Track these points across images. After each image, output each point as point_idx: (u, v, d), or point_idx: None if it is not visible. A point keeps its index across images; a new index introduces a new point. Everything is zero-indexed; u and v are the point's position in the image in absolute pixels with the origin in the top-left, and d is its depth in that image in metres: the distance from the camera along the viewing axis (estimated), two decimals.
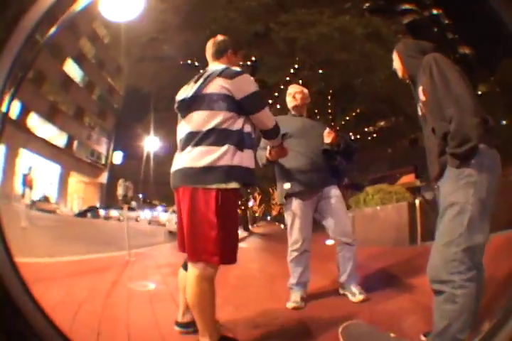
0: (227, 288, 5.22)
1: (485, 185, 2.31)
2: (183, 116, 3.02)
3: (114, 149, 53.27)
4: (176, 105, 3.16)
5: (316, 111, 16.93)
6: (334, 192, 4.45)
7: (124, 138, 50.90)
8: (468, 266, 2.26)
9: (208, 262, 2.70)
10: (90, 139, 49.82)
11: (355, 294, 4.18)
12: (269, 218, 64.27)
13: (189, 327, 3.12)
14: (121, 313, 3.80)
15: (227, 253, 2.74)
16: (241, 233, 23.17)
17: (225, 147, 2.73)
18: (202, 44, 3.30)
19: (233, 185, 2.70)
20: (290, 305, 4.12)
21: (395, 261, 6.04)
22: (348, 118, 18.21)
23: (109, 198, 31.47)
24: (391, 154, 29.00)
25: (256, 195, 48.59)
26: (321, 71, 13.26)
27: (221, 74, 2.84)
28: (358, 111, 17.32)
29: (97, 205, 40.91)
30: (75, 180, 47.34)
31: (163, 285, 4.37)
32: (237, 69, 2.96)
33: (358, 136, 19.48)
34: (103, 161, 53.42)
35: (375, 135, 21.49)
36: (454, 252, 2.29)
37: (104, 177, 50.53)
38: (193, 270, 2.75)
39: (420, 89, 2.65)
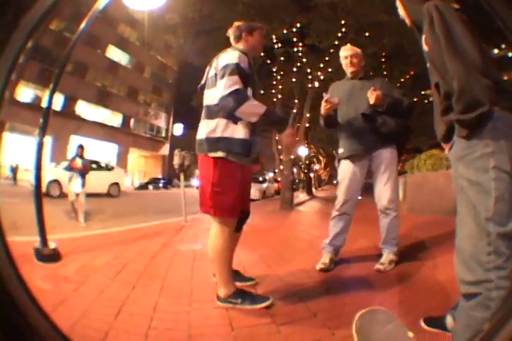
0: (267, 247, 5.62)
1: (506, 153, 1.80)
2: None
3: (174, 122, 54.05)
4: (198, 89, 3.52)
5: (372, 73, 16.70)
6: (384, 156, 4.37)
7: (184, 111, 51.42)
8: (508, 256, 1.75)
9: (208, 213, 3.12)
10: (148, 115, 50.95)
11: (383, 263, 4.19)
12: (335, 182, 63.75)
13: None
14: (162, 270, 4.16)
15: (221, 208, 3.06)
16: (303, 196, 23.22)
17: (216, 120, 3.07)
18: (240, 17, 3.47)
19: (219, 154, 3.01)
20: (318, 266, 4.22)
21: (437, 233, 5.92)
22: (403, 80, 17.80)
23: (171, 169, 32.03)
24: None
25: (320, 157, 47.94)
26: (367, 34, 12.99)
27: (217, 57, 3.20)
28: (412, 73, 16.87)
29: (159, 177, 41.43)
30: (136, 156, 48.61)
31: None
32: (231, 50, 3.20)
33: (416, 99, 19.07)
34: (163, 134, 54.67)
35: (431, 98, 20.89)
36: (487, 243, 1.77)
37: (166, 150, 51.72)
38: (212, 226, 3.18)
39: (423, 38, 2.19)
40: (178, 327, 2.60)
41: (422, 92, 19.83)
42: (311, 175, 34.92)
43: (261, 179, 25.24)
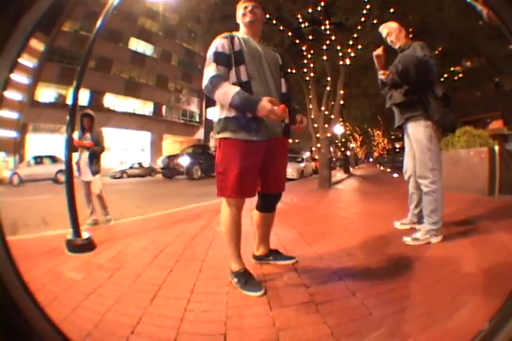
0: (307, 225, 5.65)
1: None
2: None
3: (207, 106, 54.80)
4: None
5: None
6: (409, 131, 4.46)
7: None
8: None
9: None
10: (180, 102, 51.79)
11: (414, 238, 4.17)
12: (371, 159, 63.53)
13: (261, 259, 3.66)
14: (201, 252, 4.14)
15: (222, 188, 3.04)
16: (341, 175, 23.20)
17: (217, 106, 3.11)
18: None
19: (220, 135, 3.02)
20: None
21: (474, 213, 5.78)
22: None
23: None
24: (479, 98, 27.47)
25: (356, 135, 47.69)
26: (391, 10, 12.72)
27: None
28: (440, 49, 16.53)
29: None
30: (170, 141, 49.41)
31: (250, 226, 4.56)
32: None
33: (446, 75, 18.73)
34: (197, 119, 55.46)
35: (461, 75, 20.56)
36: None
37: (200, 134, 52.64)
38: (221, 207, 3.18)
39: None
40: (216, 309, 2.56)
41: (452, 69, 19.46)
42: (348, 153, 34.61)
43: (299, 159, 25.03)
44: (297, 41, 13.64)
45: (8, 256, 1.22)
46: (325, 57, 13.81)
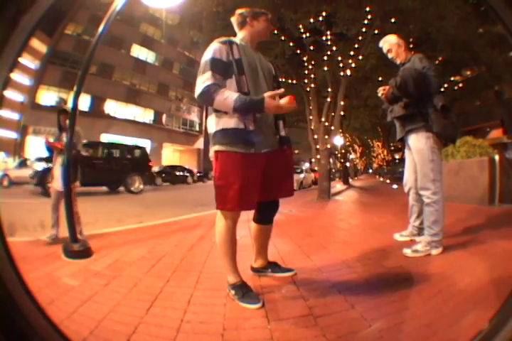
0: (306, 237, 5.59)
1: None
2: None
3: (207, 115, 55.18)
4: None
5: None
6: (410, 143, 4.45)
7: None
8: None
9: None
10: (180, 110, 52.13)
11: (414, 250, 4.15)
12: (370, 171, 63.75)
13: (260, 271, 3.61)
14: (199, 262, 4.12)
15: (220, 202, 2.99)
16: (340, 186, 23.28)
17: (211, 116, 3.05)
18: (265, 8, 3.41)
19: (217, 147, 2.96)
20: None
21: (474, 223, 5.78)
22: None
23: (207, 162, 32.10)
24: (480, 107, 27.60)
25: (356, 147, 47.81)
26: (393, 20, 12.77)
27: None
28: (440, 59, 16.58)
29: (194, 170, 41.65)
30: (170, 150, 49.61)
31: (248, 237, 4.54)
32: (214, 42, 3.03)
33: (446, 85, 18.80)
34: (197, 128, 55.79)
35: (461, 85, 20.63)
36: None
37: (200, 143, 53.08)
38: (216, 218, 3.14)
39: None
40: (213, 320, 2.53)
41: (452, 78, 19.51)
42: (347, 164, 34.70)
43: (298, 170, 25.03)
44: (298, 51, 13.69)
45: (8, 256, 1.23)
46: (326, 68, 13.86)
